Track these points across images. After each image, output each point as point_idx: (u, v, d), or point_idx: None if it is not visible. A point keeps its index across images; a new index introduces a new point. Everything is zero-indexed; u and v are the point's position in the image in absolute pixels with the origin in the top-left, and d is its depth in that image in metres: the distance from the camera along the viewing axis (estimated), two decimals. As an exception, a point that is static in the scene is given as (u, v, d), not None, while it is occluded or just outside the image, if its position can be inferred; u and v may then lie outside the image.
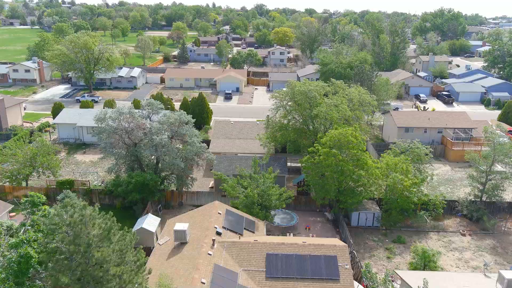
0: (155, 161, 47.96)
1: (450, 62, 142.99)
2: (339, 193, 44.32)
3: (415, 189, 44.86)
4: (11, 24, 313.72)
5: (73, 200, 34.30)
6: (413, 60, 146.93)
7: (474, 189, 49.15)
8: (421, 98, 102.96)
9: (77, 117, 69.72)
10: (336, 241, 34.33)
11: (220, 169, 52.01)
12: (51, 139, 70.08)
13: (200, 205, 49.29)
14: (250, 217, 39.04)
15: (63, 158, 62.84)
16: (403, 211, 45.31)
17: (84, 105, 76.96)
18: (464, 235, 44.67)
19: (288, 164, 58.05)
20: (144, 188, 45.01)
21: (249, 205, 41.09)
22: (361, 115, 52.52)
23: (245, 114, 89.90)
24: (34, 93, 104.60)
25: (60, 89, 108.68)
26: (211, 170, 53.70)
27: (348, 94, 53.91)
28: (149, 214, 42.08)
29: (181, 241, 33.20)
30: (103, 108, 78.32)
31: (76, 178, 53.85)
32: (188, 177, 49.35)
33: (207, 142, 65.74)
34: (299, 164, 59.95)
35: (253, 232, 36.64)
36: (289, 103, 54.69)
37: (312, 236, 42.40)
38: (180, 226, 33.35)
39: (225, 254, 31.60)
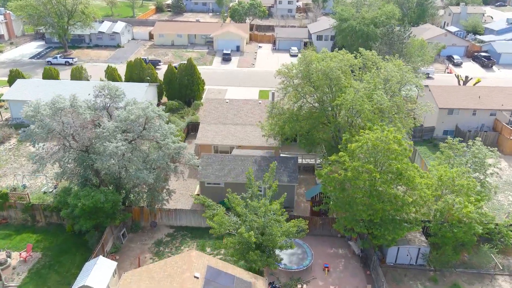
0: (116, 167, 34.32)
1: (483, 14, 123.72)
2: (373, 224, 31.10)
3: (479, 215, 31.52)
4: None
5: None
6: (441, 12, 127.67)
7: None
8: (454, 61, 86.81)
9: (34, 91, 55.48)
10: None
11: (207, 174, 38.65)
12: (3, 118, 56.44)
13: (180, 226, 36.79)
14: (244, 275, 26.25)
15: (13, 147, 49.50)
16: (461, 244, 32.30)
17: (47, 74, 62.23)
18: (547, 282, 31.88)
19: (299, 160, 44.49)
20: (98, 212, 32.01)
21: (243, 248, 28.17)
22: (402, 103, 37.95)
23: (246, 81, 75.05)
24: (0, 51, 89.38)
25: (31, 47, 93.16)
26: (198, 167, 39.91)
27: (384, 71, 38.94)
28: (100, 257, 29.26)
29: None
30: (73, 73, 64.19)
31: (16, 187, 40.76)
32: (162, 190, 36.17)
33: (196, 125, 52.03)
34: (313, 161, 46.37)
35: (248, 308, 23.92)
36: (301, 83, 39.95)
37: (334, 291, 29.71)
38: (127, 318, 20.54)
39: None
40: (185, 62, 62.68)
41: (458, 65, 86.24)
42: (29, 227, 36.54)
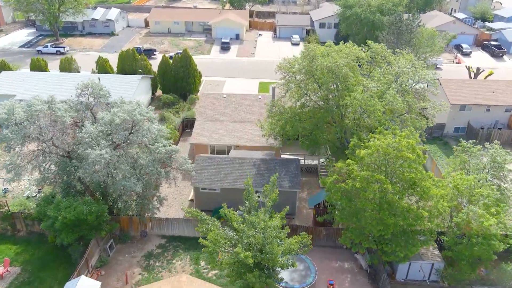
0: (101, 175, 31.28)
1: (492, 0, 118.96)
2: (383, 239, 28.25)
3: (500, 230, 28.68)
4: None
5: None
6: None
7: None
8: (463, 50, 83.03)
9: (20, 84, 52.30)
10: None
11: (202, 179, 35.70)
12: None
13: (173, 236, 34.00)
14: (241, 301, 23.45)
15: (-4, 145, 46.43)
16: (478, 259, 29.51)
17: (35, 65, 58.79)
18: None
19: (301, 160, 41.38)
20: (81, 224, 29.19)
21: (240, 267, 25.39)
22: (414, 102, 34.76)
23: (246, 72, 71.58)
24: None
25: (22, 35, 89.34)
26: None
27: (396, 67, 35.60)
28: (82, 277, 26.51)
29: None
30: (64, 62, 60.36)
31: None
32: (153, 198, 33.25)
33: (192, 121, 48.91)
34: (316, 162, 43.39)
35: None
36: (304, 79, 36.67)
37: (341, 314, 27.01)
38: None
39: None
40: (181, 51, 59.31)
41: (467, 54, 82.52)
42: (9, 237, 33.77)
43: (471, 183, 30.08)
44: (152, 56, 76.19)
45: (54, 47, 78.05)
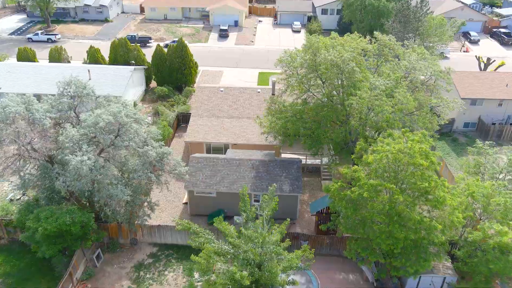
0: (83, 182, 28.74)
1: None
2: (392, 254, 25.95)
3: (517, 241, 26.36)
4: None
5: None
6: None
7: None
8: (471, 38, 79.76)
9: (5, 76, 49.44)
10: None
11: (197, 182, 33.27)
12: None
13: (165, 244, 31.73)
14: (237, 327, 21.25)
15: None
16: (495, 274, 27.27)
17: (22, 54, 55.78)
18: None
19: (303, 160, 38.92)
20: (64, 235, 26.90)
21: (236, 286, 23.16)
22: (425, 99, 32.10)
23: (245, 61, 68.53)
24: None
25: (12, 22, 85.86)
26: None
27: (408, 62, 32.79)
28: (64, 296, 24.32)
29: None
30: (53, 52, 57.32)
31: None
32: (143, 204, 30.85)
33: (187, 116, 46.26)
34: (319, 161, 40.89)
35: None
36: (306, 74, 33.88)
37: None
38: None
39: None
40: (177, 39, 56.39)
41: (475, 42, 79.27)
42: (-11, 246, 31.56)
43: (489, 190, 27.68)
44: (148, 44, 73.12)
45: (45, 34, 74.84)
